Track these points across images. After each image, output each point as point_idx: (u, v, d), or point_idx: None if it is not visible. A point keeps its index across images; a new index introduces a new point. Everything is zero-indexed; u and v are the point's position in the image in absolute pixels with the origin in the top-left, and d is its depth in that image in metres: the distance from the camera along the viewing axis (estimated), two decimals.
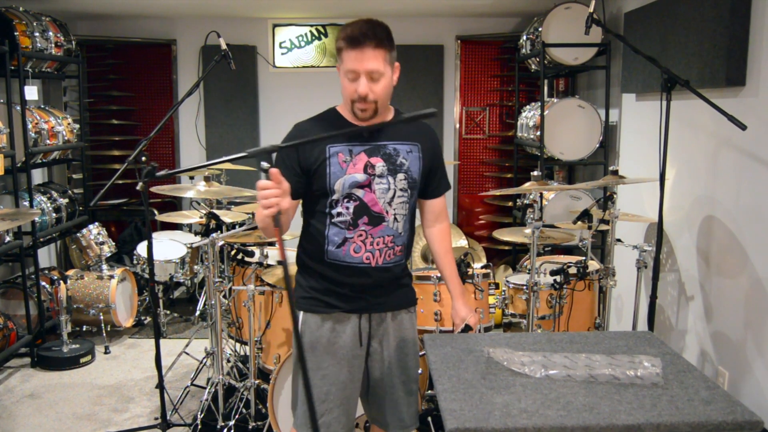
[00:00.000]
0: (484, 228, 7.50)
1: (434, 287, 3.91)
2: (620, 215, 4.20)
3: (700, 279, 4.27)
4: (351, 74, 2.65)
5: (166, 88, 7.52)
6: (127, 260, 7.06)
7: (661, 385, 2.29)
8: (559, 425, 2.04)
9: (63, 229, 6.16)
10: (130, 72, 7.43)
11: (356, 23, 2.71)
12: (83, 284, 5.96)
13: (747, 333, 3.78)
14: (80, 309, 5.92)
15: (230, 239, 4.35)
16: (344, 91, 2.71)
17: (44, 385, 5.13)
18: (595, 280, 4.28)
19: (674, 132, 4.15)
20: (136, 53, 7.44)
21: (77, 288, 5.94)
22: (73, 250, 6.61)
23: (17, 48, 5.42)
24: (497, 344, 2.67)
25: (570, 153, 5.76)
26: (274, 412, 3.72)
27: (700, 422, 2.05)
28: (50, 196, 6.06)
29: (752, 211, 3.72)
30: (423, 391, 3.77)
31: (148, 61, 7.46)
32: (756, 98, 3.70)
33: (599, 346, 2.67)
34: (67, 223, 6.20)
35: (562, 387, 2.28)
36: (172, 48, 7.44)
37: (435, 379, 2.39)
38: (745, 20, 3.75)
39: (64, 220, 6.16)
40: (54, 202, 6.05)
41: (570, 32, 5.68)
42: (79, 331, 6.06)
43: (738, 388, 3.83)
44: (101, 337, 5.93)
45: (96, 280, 5.99)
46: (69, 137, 6.19)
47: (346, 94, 2.71)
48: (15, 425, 4.50)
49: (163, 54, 7.46)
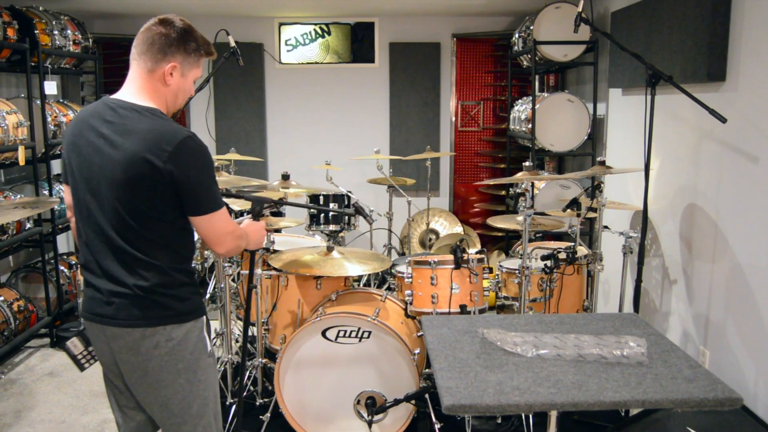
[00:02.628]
0: (479, 215, 7.49)
1: (431, 271, 3.90)
2: (607, 203, 4.19)
3: (682, 264, 4.26)
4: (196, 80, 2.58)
5: None
6: None
7: (645, 364, 2.28)
8: (549, 402, 2.03)
9: None
10: None
11: (197, 33, 2.58)
12: None
13: (727, 315, 3.77)
14: None
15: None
16: (185, 94, 2.56)
17: (63, 364, 5.13)
18: (583, 265, 4.27)
19: (658, 125, 4.14)
20: None
21: None
22: None
23: (37, 45, 5.41)
24: (491, 325, 2.66)
25: (560, 145, 5.75)
26: (281, 389, 3.72)
27: (683, 399, 2.04)
28: None
29: (732, 200, 3.71)
30: (421, 369, 3.76)
31: None
32: (736, 93, 3.68)
33: (587, 327, 2.67)
34: None
35: (552, 366, 2.28)
36: None
37: (432, 359, 2.38)
38: (725, 19, 3.74)
39: None
40: None
41: (560, 30, 5.67)
42: None
43: (719, 367, 3.82)
44: None
45: None
46: None
47: (185, 97, 2.56)
48: (35, 402, 4.50)
49: None
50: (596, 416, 4.08)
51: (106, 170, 2.33)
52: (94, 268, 2.43)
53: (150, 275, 2.38)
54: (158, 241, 2.39)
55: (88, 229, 2.43)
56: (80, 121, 2.46)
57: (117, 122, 2.35)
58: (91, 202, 2.39)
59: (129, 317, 2.38)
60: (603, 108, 5.73)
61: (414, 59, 7.39)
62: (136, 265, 2.37)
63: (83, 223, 2.45)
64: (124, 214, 2.33)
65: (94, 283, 2.44)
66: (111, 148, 2.32)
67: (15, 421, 4.24)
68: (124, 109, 2.39)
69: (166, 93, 2.47)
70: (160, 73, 2.42)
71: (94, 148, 2.36)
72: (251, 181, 4.64)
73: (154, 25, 2.44)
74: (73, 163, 2.43)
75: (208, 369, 2.57)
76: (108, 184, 2.33)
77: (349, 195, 5.33)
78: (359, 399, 3.70)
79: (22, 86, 6.08)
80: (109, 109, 2.41)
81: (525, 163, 4.77)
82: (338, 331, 3.66)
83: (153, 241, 2.38)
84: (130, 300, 2.38)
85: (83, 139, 2.40)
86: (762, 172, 3.44)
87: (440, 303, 3.89)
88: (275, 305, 4.11)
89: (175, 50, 2.43)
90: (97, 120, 2.39)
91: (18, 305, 5.14)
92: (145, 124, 2.33)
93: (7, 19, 5.13)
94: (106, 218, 2.37)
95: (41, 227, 5.42)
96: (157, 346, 2.41)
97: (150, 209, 2.34)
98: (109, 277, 2.39)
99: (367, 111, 7.56)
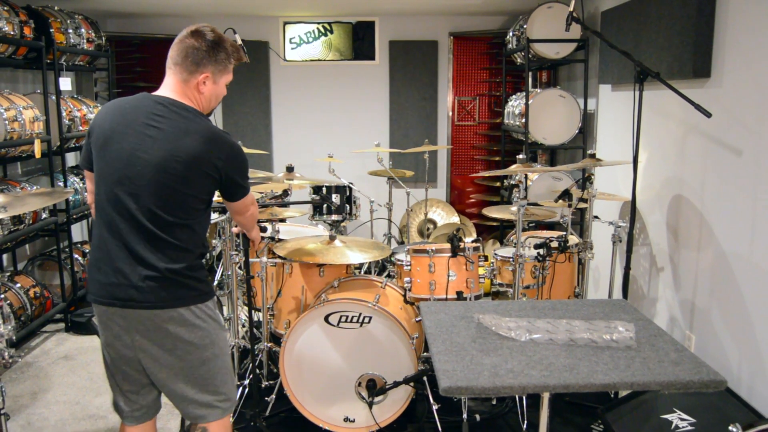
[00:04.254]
0: (475, 206, 7.48)
1: (429, 259, 3.89)
2: (597, 194, 4.18)
3: (669, 252, 4.26)
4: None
5: None
6: None
7: (634, 347, 2.28)
8: (542, 384, 2.03)
9: None
10: (155, 65, 7.35)
11: (227, 42, 2.62)
12: None
13: (712, 300, 3.77)
14: None
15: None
16: (218, 97, 2.66)
17: (77, 347, 5.13)
18: (574, 253, 4.27)
19: (646, 119, 4.12)
20: (160, 48, 7.35)
21: None
22: None
23: (53, 43, 5.39)
24: (486, 311, 2.66)
25: (552, 138, 5.74)
26: (285, 372, 3.72)
27: (670, 381, 2.04)
28: (82, 177, 6.03)
29: (716, 191, 3.70)
30: (419, 353, 3.76)
31: None
32: (720, 89, 3.67)
33: (578, 312, 2.66)
34: None
35: (544, 350, 2.27)
36: None
37: (430, 343, 2.38)
38: (710, 18, 3.73)
39: None
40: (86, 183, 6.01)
41: (552, 29, 5.65)
42: None
43: (704, 351, 3.82)
44: None
45: None
46: None
47: (218, 99, 2.68)
48: (51, 384, 4.51)
49: None
50: (587, 398, 4.08)
51: (154, 161, 2.39)
52: (119, 253, 2.45)
53: (180, 258, 2.46)
54: (188, 226, 2.48)
55: (115, 213, 2.45)
56: (120, 112, 2.50)
57: (171, 118, 2.44)
58: (123, 190, 2.43)
59: (158, 299, 2.44)
60: (593, 103, 5.71)
61: (413, 57, 7.37)
62: (167, 249, 2.44)
63: (110, 209, 2.47)
64: (164, 202, 2.41)
65: (121, 267, 2.44)
66: (166, 141, 2.40)
67: (31, 402, 4.25)
68: (174, 107, 2.47)
69: (200, 99, 2.58)
70: (194, 82, 2.53)
71: (141, 139, 2.42)
72: (257, 173, 4.63)
73: (186, 37, 2.54)
74: (107, 150, 2.47)
75: (224, 342, 2.67)
76: (154, 174, 2.39)
77: (350, 186, 5.31)
78: (360, 381, 3.70)
79: (38, 82, 6.06)
80: (158, 104, 2.47)
81: (519, 155, 4.75)
82: (340, 316, 3.66)
83: (184, 227, 2.46)
84: (159, 283, 2.43)
85: (126, 129, 2.45)
86: (745, 164, 3.43)
87: (438, 289, 3.88)
88: (280, 292, 4.10)
89: (206, 62, 2.53)
90: (144, 113, 2.45)
91: (34, 292, 5.14)
92: (201, 125, 2.46)
93: (24, 18, 5.11)
94: (141, 205, 2.42)
95: (56, 217, 5.42)
96: (185, 324, 2.48)
97: (191, 199, 2.45)
98: (139, 261, 2.43)
99: (368, 106, 7.54)
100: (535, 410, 3.84)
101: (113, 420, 4.00)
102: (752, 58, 3.39)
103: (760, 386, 3.33)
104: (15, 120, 4.72)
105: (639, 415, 3.36)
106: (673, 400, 3.34)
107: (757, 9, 3.35)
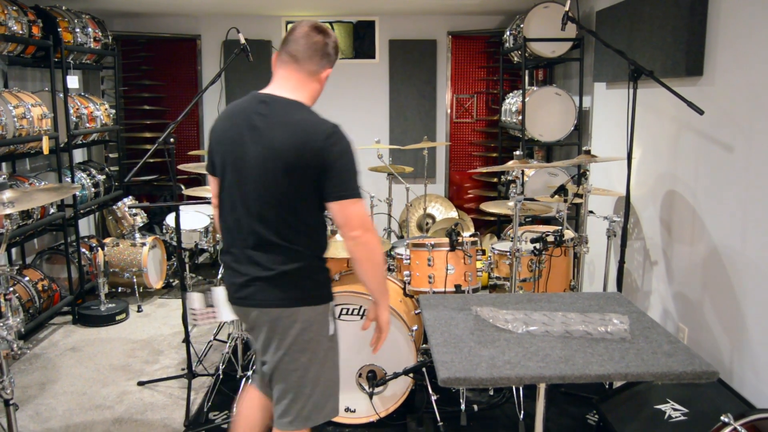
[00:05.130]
0: (473, 201, 7.47)
1: (428, 253, 3.89)
2: (592, 190, 4.18)
3: (662, 246, 4.25)
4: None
5: (191, 77, 7.43)
6: (157, 229, 7.05)
7: (628, 339, 2.28)
8: (538, 375, 2.03)
9: (101, 202, 6.13)
10: (160, 64, 7.35)
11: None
12: (118, 251, 5.94)
13: (704, 293, 3.77)
14: (116, 273, 5.90)
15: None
16: (319, 93, 2.66)
17: (84, 339, 5.13)
18: (570, 247, 4.26)
19: (640, 116, 4.12)
20: (165, 47, 7.36)
21: (113, 254, 5.92)
22: (109, 221, 6.58)
23: (60, 42, 5.38)
24: (484, 304, 2.65)
25: (548, 135, 5.73)
26: None
27: (663, 372, 2.04)
28: (89, 173, 6.03)
29: (709, 186, 3.70)
30: (418, 345, 3.76)
31: (176, 54, 7.37)
32: (712, 87, 3.66)
33: (574, 305, 2.66)
34: (104, 197, 6.17)
35: (541, 341, 2.27)
36: (197, 42, 7.36)
37: (429, 335, 2.38)
38: (702, 18, 3.72)
39: (102, 194, 6.13)
40: (93, 178, 6.02)
41: (548, 28, 5.64)
42: (114, 292, 6.06)
43: (696, 343, 3.82)
44: (134, 297, 5.94)
45: (130, 247, 5.97)
46: (106, 121, 6.17)
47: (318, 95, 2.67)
48: (59, 375, 4.51)
49: (189, 48, 7.37)
50: (582, 388, 4.08)
51: (258, 160, 2.40)
52: (238, 254, 2.49)
53: (291, 260, 2.44)
54: (300, 228, 2.44)
55: (233, 217, 2.50)
56: (230, 116, 2.54)
57: (271, 114, 2.43)
58: (238, 193, 2.46)
59: (268, 298, 2.45)
60: (588, 101, 5.70)
61: (412, 55, 7.36)
62: (278, 251, 2.43)
63: (229, 213, 2.51)
64: (273, 201, 2.41)
65: (236, 268, 2.50)
66: (265, 139, 2.40)
67: (39, 392, 4.25)
68: (277, 103, 2.47)
69: (318, 90, 2.62)
70: (320, 76, 2.57)
71: (246, 141, 2.43)
72: None
73: (313, 32, 2.54)
74: (224, 156, 2.51)
75: (328, 351, 2.58)
76: (259, 174, 2.40)
77: None
78: (361, 372, 3.70)
79: (46, 80, 6.05)
80: (261, 102, 2.48)
81: (515, 152, 4.75)
82: (342, 308, 3.66)
83: (295, 228, 2.43)
84: (269, 283, 2.44)
85: (234, 132, 2.47)
86: (736, 160, 3.43)
87: (436, 283, 3.88)
88: None
89: (333, 58, 2.61)
90: (249, 114, 2.47)
91: (42, 285, 5.13)
92: (299, 116, 2.44)
93: (32, 18, 5.10)
94: (251, 207, 2.44)
95: (64, 212, 5.41)
96: (291, 326, 2.46)
97: (297, 196, 2.41)
98: (252, 262, 2.45)
99: (368, 104, 7.53)
100: (531, 401, 3.84)
101: (119, 410, 4.00)
102: (744, 57, 3.38)
103: (750, 377, 3.33)
104: (24, 117, 4.72)
105: (633, 406, 3.36)
106: (666, 391, 3.34)
107: (748, 9, 3.34)
